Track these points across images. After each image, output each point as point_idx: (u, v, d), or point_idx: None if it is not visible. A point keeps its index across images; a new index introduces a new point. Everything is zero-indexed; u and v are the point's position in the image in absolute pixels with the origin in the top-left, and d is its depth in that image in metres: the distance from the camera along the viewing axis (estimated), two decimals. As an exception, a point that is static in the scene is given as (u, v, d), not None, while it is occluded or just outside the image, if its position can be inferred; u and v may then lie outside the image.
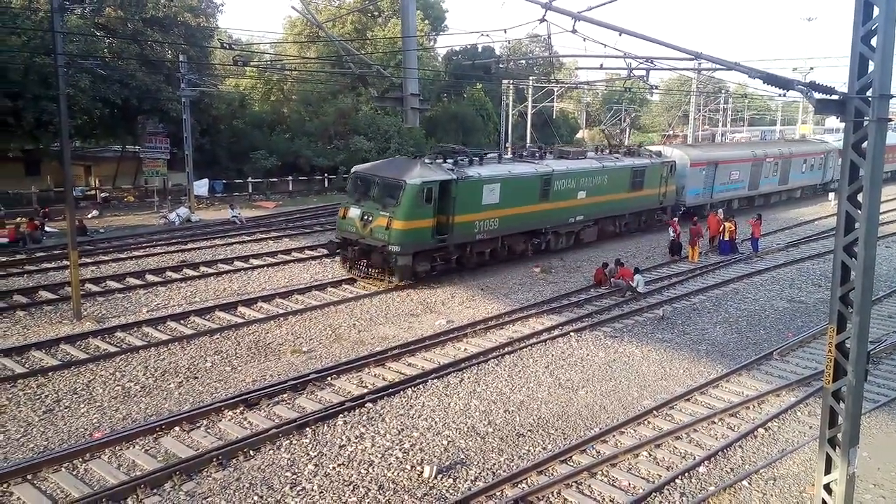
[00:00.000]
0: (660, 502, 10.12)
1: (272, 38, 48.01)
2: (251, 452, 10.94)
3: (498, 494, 10.08)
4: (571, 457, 11.23)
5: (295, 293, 19.57)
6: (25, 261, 22.16)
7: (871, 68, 7.29)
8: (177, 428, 11.59)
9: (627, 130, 69.37)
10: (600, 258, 23.75)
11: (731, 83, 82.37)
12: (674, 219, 27.73)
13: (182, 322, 16.91)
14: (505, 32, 15.82)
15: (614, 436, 12.02)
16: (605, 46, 12.23)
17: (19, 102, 28.66)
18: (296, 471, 10.51)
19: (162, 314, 17.24)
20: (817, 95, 7.71)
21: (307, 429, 11.74)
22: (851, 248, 7.76)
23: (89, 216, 29.92)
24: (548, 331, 17.24)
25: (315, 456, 10.95)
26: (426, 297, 19.67)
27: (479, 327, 17.23)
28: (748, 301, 20.75)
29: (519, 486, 10.32)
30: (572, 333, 17.13)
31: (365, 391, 13.28)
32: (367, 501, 9.81)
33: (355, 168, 22.05)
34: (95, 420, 11.89)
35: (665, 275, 23.38)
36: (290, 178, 41.33)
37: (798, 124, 71.62)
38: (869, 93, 7.30)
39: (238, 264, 22.61)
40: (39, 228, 25.72)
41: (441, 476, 10.49)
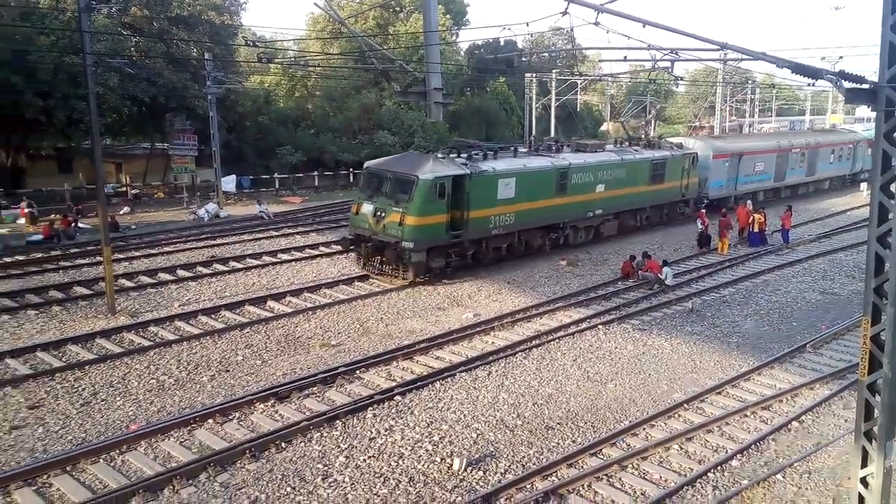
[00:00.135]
0: (692, 496, 10.04)
1: (295, 35, 48.36)
2: (283, 444, 11.06)
3: (528, 487, 10.08)
4: (601, 450, 11.18)
5: (323, 287, 19.73)
6: (60, 257, 22.61)
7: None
8: (210, 420, 11.76)
9: (653, 122, 68.65)
10: (627, 251, 23.59)
11: (759, 73, 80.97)
12: (702, 210, 27.40)
13: (213, 316, 17.15)
14: (527, 26, 15.88)
15: (644, 429, 11.95)
16: (629, 38, 12.09)
17: (50, 102, 29.12)
18: (327, 462, 10.62)
19: (193, 308, 17.50)
20: (847, 85, 7.54)
21: (337, 421, 11.85)
22: (885, 239, 7.60)
23: (121, 213, 30.46)
24: (575, 324, 17.18)
25: (345, 448, 11.05)
26: (453, 291, 19.70)
27: (507, 320, 17.22)
28: (780, 293, 20.47)
29: (549, 479, 10.30)
30: (600, 326, 17.06)
31: (394, 384, 13.36)
32: (398, 493, 9.88)
33: (367, 163, 21.85)
34: (131, 412, 12.12)
35: (693, 267, 23.14)
36: (316, 174, 41.56)
37: (828, 114, 70.28)
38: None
39: (266, 259, 22.88)
40: (73, 225, 26.20)
41: (471, 468, 10.52)
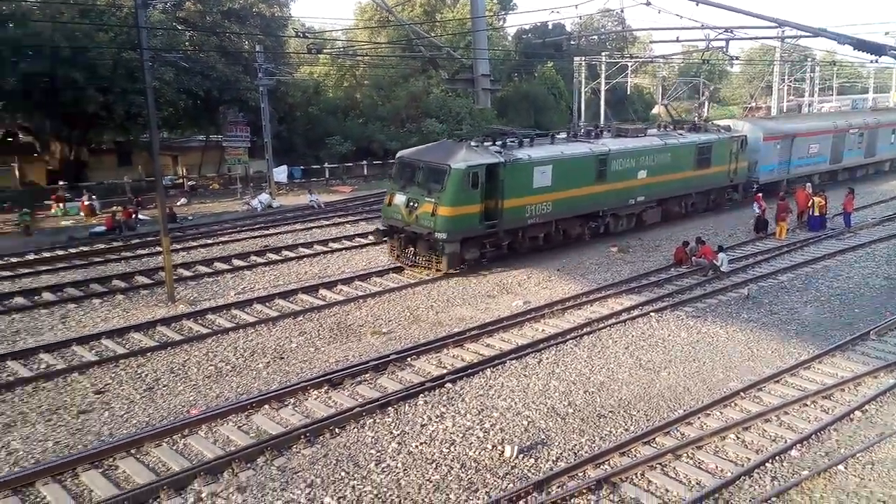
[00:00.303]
0: (749, 486, 9.84)
1: (344, 25, 48.73)
2: (337, 430, 11.27)
3: (580, 475, 10.04)
4: (655, 438, 11.04)
5: (373, 275, 19.95)
6: (122, 247, 23.43)
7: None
8: (266, 406, 12.06)
9: (706, 104, 66.86)
10: (679, 237, 23.10)
11: (818, 50, 77.98)
12: (758, 194, 26.58)
13: (267, 304, 17.54)
14: (576, 8, 15.82)
15: (699, 418, 11.74)
16: (681, 17, 11.80)
17: (109, 97, 30.01)
18: (380, 448, 10.78)
19: (248, 297, 17.93)
20: (911, 61, 7.20)
21: (389, 408, 12.00)
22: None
23: (178, 204, 31.28)
24: (627, 311, 16.96)
25: (398, 434, 11.20)
26: (502, 279, 19.67)
27: (557, 308, 17.11)
28: (841, 279, 19.78)
29: (601, 467, 10.24)
30: (653, 314, 16.79)
31: (444, 371, 13.45)
32: (450, 479, 9.97)
33: (400, 153, 21.45)
34: (191, 398, 12.52)
35: (750, 252, 22.54)
36: (365, 163, 41.90)
37: (892, 91, 67.24)
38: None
39: (318, 248, 23.25)
40: (134, 216, 27.12)
41: (522, 455, 10.54)
